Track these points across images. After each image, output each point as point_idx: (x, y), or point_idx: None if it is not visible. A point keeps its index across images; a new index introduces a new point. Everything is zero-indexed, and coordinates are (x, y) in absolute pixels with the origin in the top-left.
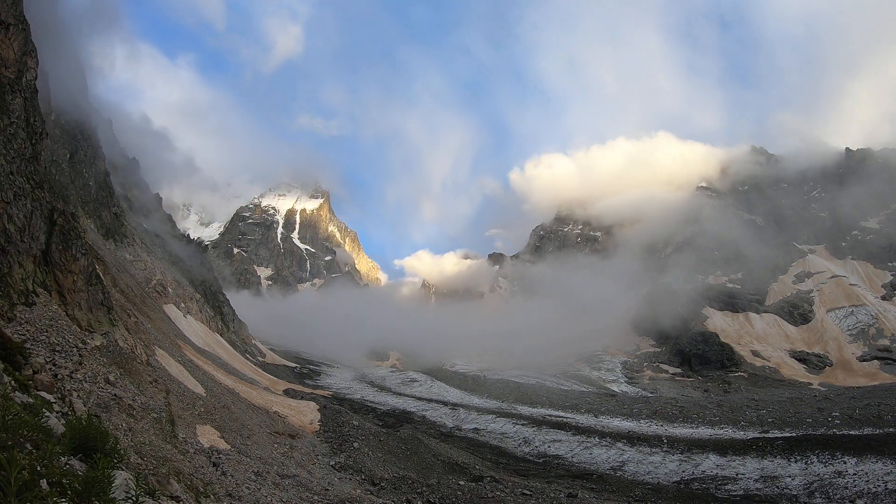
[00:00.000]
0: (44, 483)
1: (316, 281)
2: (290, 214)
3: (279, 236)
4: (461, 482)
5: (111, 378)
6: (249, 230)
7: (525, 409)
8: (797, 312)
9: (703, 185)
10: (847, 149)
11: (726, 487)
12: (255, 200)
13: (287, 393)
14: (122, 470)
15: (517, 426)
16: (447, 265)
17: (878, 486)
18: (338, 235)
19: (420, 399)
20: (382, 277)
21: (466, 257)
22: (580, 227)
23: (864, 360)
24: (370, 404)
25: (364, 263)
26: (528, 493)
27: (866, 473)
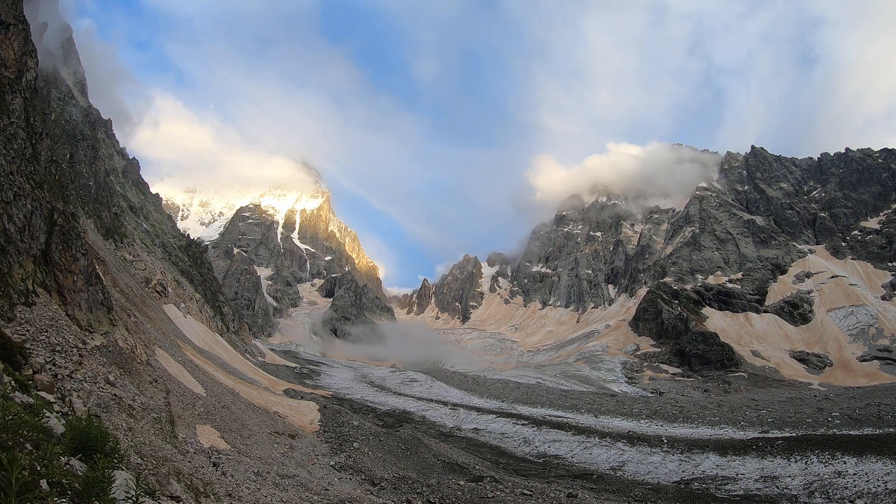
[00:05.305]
0: (44, 483)
1: (315, 281)
2: (290, 214)
3: (279, 236)
4: (461, 482)
5: (111, 378)
6: (249, 230)
7: (525, 409)
8: (797, 312)
9: (703, 185)
10: (847, 149)
11: (726, 487)
12: (255, 200)
13: (287, 393)
14: (122, 470)
15: (517, 426)
16: None
17: (878, 486)
18: (338, 235)
19: (420, 399)
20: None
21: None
22: (580, 226)
23: (864, 360)
24: (370, 404)
25: (364, 263)
26: (528, 493)
27: (866, 473)
